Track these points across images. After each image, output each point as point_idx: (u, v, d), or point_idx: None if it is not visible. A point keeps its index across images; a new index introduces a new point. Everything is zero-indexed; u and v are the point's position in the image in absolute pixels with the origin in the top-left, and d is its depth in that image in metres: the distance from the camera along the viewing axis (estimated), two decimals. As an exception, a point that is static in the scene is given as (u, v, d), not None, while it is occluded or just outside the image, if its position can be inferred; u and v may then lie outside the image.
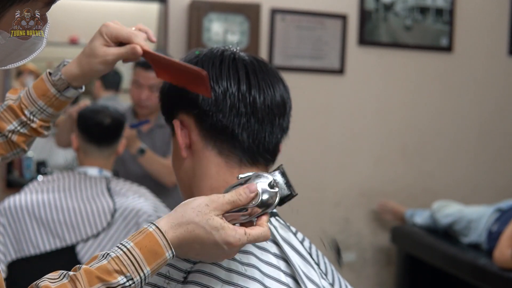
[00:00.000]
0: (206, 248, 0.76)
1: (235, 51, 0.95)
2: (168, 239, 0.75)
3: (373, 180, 3.64)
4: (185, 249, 0.77)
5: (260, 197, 0.80)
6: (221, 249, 0.76)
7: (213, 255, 0.78)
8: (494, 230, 2.87)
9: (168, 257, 0.75)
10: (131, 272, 0.73)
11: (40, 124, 1.05)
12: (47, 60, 3.37)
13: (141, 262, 0.74)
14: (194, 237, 0.76)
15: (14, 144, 1.06)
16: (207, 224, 0.76)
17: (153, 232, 0.75)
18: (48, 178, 1.99)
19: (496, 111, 3.82)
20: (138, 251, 0.74)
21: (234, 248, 0.77)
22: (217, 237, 0.75)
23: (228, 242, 0.76)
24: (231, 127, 0.90)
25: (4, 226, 1.86)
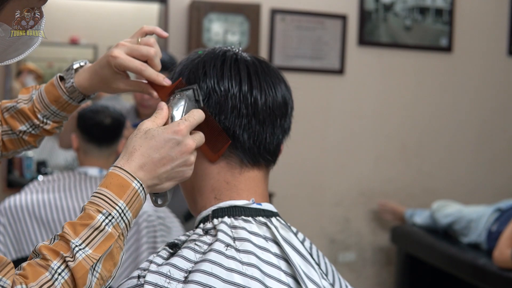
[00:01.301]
0: (163, 152, 0.81)
1: (237, 52, 0.96)
2: (127, 169, 0.80)
3: (373, 180, 3.64)
4: (149, 168, 0.81)
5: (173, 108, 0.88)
6: (175, 142, 0.82)
7: (175, 155, 0.82)
8: (493, 230, 2.87)
9: (136, 187, 0.79)
10: (106, 208, 0.77)
11: (53, 126, 1.08)
12: (47, 60, 3.38)
13: (111, 197, 0.78)
14: (146, 150, 0.81)
15: (25, 142, 1.09)
16: (147, 134, 0.82)
17: (113, 171, 0.80)
18: (49, 178, 1.99)
19: (495, 111, 3.82)
20: (105, 189, 0.78)
21: (183, 133, 0.82)
22: (162, 134, 0.82)
23: (173, 130, 0.82)
24: (232, 128, 0.90)
25: (5, 226, 1.86)
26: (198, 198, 0.95)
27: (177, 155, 0.82)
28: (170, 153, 0.82)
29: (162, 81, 0.95)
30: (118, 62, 0.95)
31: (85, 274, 0.74)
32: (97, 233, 0.76)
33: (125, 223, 0.79)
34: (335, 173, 3.59)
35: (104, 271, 0.77)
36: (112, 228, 0.77)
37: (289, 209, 3.38)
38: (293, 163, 3.41)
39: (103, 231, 0.76)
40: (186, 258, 0.84)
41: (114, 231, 0.77)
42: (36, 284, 0.72)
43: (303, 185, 3.54)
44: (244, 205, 0.91)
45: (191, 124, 0.84)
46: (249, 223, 0.89)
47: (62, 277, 0.73)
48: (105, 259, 0.77)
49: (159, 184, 0.83)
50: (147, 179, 0.81)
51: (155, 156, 0.81)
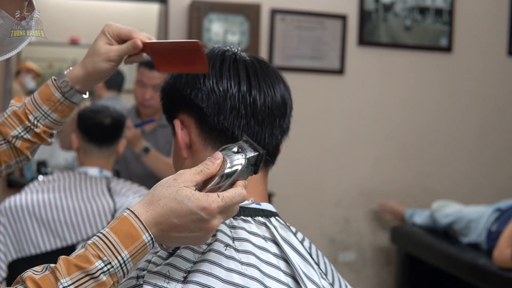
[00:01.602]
0: (183, 221, 0.75)
1: (236, 52, 0.96)
2: (143, 220, 0.74)
3: (373, 180, 3.64)
4: (164, 228, 0.75)
5: (228, 160, 0.79)
6: (199, 218, 0.75)
7: (194, 228, 0.76)
8: (493, 230, 2.87)
9: (145, 240, 0.74)
10: (107, 256, 0.72)
11: (44, 129, 1.06)
12: (47, 60, 3.38)
13: (117, 246, 0.73)
14: (168, 211, 0.75)
15: (17, 151, 1.07)
16: (177, 194, 0.75)
17: (127, 216, 0.75)
18: (49, 178, 1.99)
19: (495, 111, 3.82)
20: (113, 235, 0.73)
21: (212, 213, 0.75)
22: (190, 204, 0.75)
23: (203, 207, 0.75)
24: (231, 129, 0.90)
25: (5, 225, 1.86)
26: (197, 198, 0.94)
27: (195, 229, 0.76)
28: (190, 226, 0.76)
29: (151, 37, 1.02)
30: (111, 28, 1.02)
31: None
32: (89, 279, 0.72)
33: (123, 272, 0.74)
34: (335, 173, 3.59)
35: None
36: (108, 276, 0.73)
37: (289, 209, 3.38)
38: (293, 163, 3.42)
39: (96, 279, 0.72)
40: (185, 258, 0.84)
41: (108, 280, 0.73)
42: None
43: (303, 185, 3.54)
44: (244, 205, 0.91)
45: (226, 206, 0.77)
46: (248, 223, 0.89)
47: None
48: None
49: (166, 243, 0.79)
50: (157, 236, 0.76)
51: (174, 221, 0.75)
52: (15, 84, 3.22)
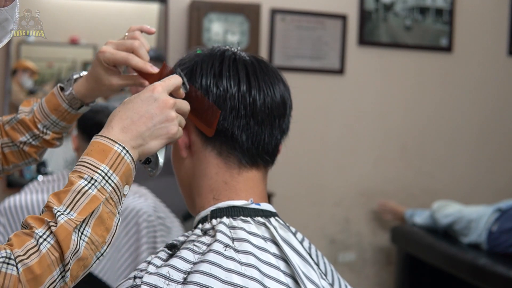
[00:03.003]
0: (140, 110, 0.81)
1: (235, 51, 0.95)
2: (106, 135, 0.79)
3: (373, 180, 3.64)
4: (129, 127, 0.80)
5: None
6: (150, 98, 0.82)
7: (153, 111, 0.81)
8: (494, 230, 2.87)
9: (118, 150, 0.78)
10: (87, 173, 0.76)
11: (53, 136, 1.09)
12: (47, 60, 3.38)
13: (93, 162, 0.77)
14: (124, 113, 0.81)
15: (26, 154, 1.10)
16: (124, 102, 0.83)
17: (95, 139, 0.80)
18: (48, 178, 1.99)
19: (495, 111, 3.82)
20: (87, 156, 0.78)
21: (158, 90, 0.83)
22: (137, 96, 0.82)
23: (147, 90, 0.83)
24: (231, 129, 0.90)
25: (4, 226, 1.86)
26: (196, 198, 0.94)
27: (156, 111, 0.82)
28: (149, 110, 0.82)
29: (149, 68, 0.97)
30: (105, 56, 0.99)
31: (68, 236, 0.72)
32: (80, 196, 0.75)
33: (112, 187, 0.77)
34: (335, 173, 3.59)
35: (95, 235, 0.76)
36: (96, 191, 0.75)
37: (289, 209, 3.38)
38: (293, 163, 3.41)
39: (85, 194, 0.75)
40: (185, 259, 0.84)
41: (99, 194, 0.76)
42: (21, 250, 0.71)
43: (303, 185, 3.54)
44: (243, 205, 0.91)
45: (167, 85, 0.85)
46: (248, 223, 0.89)
47: (47, 242, 0.72)
48: (94, 224, 0.76)
49: (144, 144, 0.82)
50: (129, 140, 0.80)
51: (134, 116, 0.81)
52: (14, 84, 3.22)
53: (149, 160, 0.87)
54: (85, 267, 0.76)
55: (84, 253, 0.74)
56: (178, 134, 0.85)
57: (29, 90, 3.26)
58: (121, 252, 1.82)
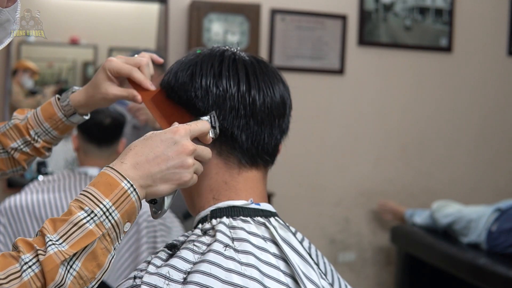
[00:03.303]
0: (157, 151, 0.79)
1: (235, 51, 0.95)
2: (117, 169, 0.77)
3: (373, 180, 3.64)
4: (142, 165, 0.78)
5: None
6: (170, 141, 0.80)
7: (170, 154, 0.79)
8: (493, 230, 2.87)
9: (125, 187, 0.76)
10: (89, 205, 0.74)
11: (43, 145, 1.10)
12: (47, 60, 3.38)
13: (97, 195, 0.75)
14: (140, 149, 0.79)
15: (15, 161, 1.11)
16: (145, 137, 0.82)
17: (105, 170, 0.78)
18: (49, 178, 1.99)
19: (495, 111, 3.82)
20: (93, 187, 0.76)
21: (180, 133, 0.81)
22: (157, 134, 0.81)
23: (169, 130, 0.81)
24: (231, 129, 0.90)
25: (5, 226, 1.86)
26: (196, 198, 0.95)
27: (173, 155, 0.80)
28: (166, 152, 0.79)
29: (148, 84, 0.99)
30: (112, 64, 1.01)
31: (55, 269, 0.70)
32: (76, 229, 0.72)
33: (111, 223, 0.75)
34: (335, 173, 3.59)
35: (85, 271, 0.73)
36: (94, 226, 0.73)
37: (289, 209, 3.38)
38: (293, 163, 3.42)
39: (82, 228, 0.73)
40: (185, 259, 0.84)
41: (96, 230, 0.73)
42: (3, 273, 0.69)
43: (303, 185, 3.54)
44: (243, 205, 0.91)
45: (192, 129, 0.83)
46: (248, 223, 0.89)
47: (32, 270, 0.70)
48: (86, 258, 0.73)
49: (152, 186, 0.79)
50: (139, 178, 0.78)
51: (150, 155, 0.79)
52: (14, 84, 3.21)
53: (155, 201, 0.84)
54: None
55: (70, 286, 0.72)
56: (191, 182, 0.83)
57: (30, 91, 3.26)
58: (121, 252, 1.82)
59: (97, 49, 3.34)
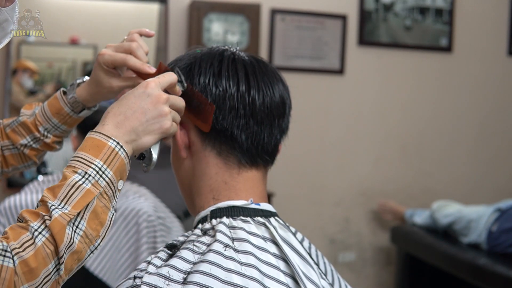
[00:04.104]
0: (133, 106, 0.82)
1: (234, 51, 0.95)
2: (100, 131, 0.80)
3: (373, 180, 3.64)
4: (122, 123, 0.81)
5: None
6: (143, 94, 0.83)
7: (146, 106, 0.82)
8: (494, 230, 2.87)
9: (112, 145, 0.79)
10: (81, 168, 0.77)
11: (53, 139, 1.11)
12: (47, 60, 3.38)
13: (87, 157, 0.78)
14: (117, 110, 0.82)
15: (26, 157, 1.12)
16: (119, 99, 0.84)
17: (89, 135, 0.80)
18: (48, 178, 1.99)
19: (495, 111, 3.82)
20: (81, 152, 0.79)
21: (151, 86, 0.83)
22: (131, 92, 0.83)
23: (142, 86, 0.84)
24: (230, 129, 0.90)
25: (5, 226, 1.86)
26: (196, 198, 0.94)
27: (149, 107, 0.83)
28: (142, 105, 0.82)
29: (146, 68, 0.97)
30: (105, 58, 1.00)
31: (62, 230, 0.73)
32: (74, 190, 0.75)
33: (106, 181, 0.78)
34: (335, 173, 3.59)
35: (89, 229, 0.76)
36: (90, 185, 0.76)
37: (289, 209, 3.38)
38: (293, 163, 3.41)
39: (79, 188, 0.76)
40: (185, 259, 0.84)
41: (93, 188, 0.76)
42: (17, 242, 0.72)
43: (303, 185, 3.54)
44: (243, 205, 0.91)
45: (160, 81, 0.85)
46: (248, 223, 0.89)
47: (42, 235, 0.73)
48: (89, 217, 0.76)
49: (137, 140, 0.83)
50: (122, 135, 0.81)
51: (128, 112, 0.82)
52: (14, 85, 3.21)
53: (143, 156, 0.88)
54: (79, 260, 0.77)
55: (79, 246, 0.75)
56: (171, 129, 0.86)
57: (29, 90, 3.26)
58: (121, 252, 1.82)
59: (97, 49, 3.34)
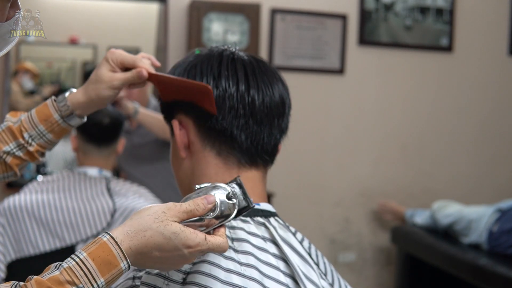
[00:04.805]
0: (165, 255, 0.74)
1: (234, 51, 0.95)
2: (123, 249, 0.72)
3: (373, 180, 3.64)
4: (143, 258, 0.74)
5: (218, 208, 0.78)
6: (181, 254, 0.75)
7: (172, 261, 0.76)
8: (494, 230, 2.87)
9: (123, 268, 0.73)
10: (83, 283, 0.70)
11: (37, 149, 1.06)
12: (47, 60, 3.38)
13: (94, 273, 0.71)
14: (153, 244, 0.73)
15: (7, 166, 1.07)
16: (165, 229, 0.73)
17: (107, 242, 0.72)
18: (48, 178, 1.99)
19: (495, 110, 3.82)
20: (91, 261, 0.71)
21: (193, 253, 0.75)
22: (177, 241, 0.73)
23: (188, 245, 0.74)
24: (230, 129, 0.90)
25: (4, 226, 1.86)
26: (196, 198, 0.94)
27: (173, 263, 0.77)
28: (170, 259, 0.75)
29: (153, 71, 0.98)
30: (115, 55, 1.00)
31: None
32: None
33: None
34: (335, 173, 3.59)
35: None
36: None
37: (289, 209, 3.38)
38: (293, 163, 3.41)
39: None
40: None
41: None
42: None
43: (303, 185, 3.54)
44: (243, 205, 0.91)
45: (207, 250, 0.77)
46: (247, 223, 0.89)
47: None
48: None
49: (139, 267, 0.78)
50: (135, 264, 0.75)
51: (156, 254, 0.74)
52: (13, 84, 3.21)
53: None
54: None
55: None
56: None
57: (29, 91, 3.26)
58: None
59: (96, 48, 3.34)
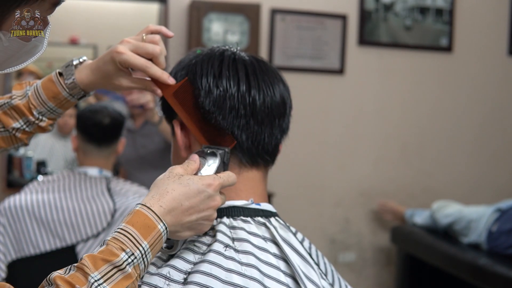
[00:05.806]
0: (194, 202, 0.80)
1: (235, 51, 0.95)
2: (155, 210, 0.77)
3: (373, 180, 3.64)
4: (177, 215, 0.79)
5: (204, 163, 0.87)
6: (206, 195, 0.81)
7: (203, 206, 0.81)
8: (494, 230, 2.87)
9: (161, 230, 0.77)
10: (130, 247, 0.74)
11: (48, 123, 1.05)
12: (47, 60, 3.37)
13: (137, 237, 0.75)
14: (178, 195, 0.80)
15: (17, 139, 1.06)
16: (181, 180, 0.81)
17: (140, 209, 0.77)
18: (48, 178, 1.99)
19: (495, 110, 3.82)
20: (131, 227, 0.76)
21: (216, 188, 0.82)
22: (195, 185, 0.81)
23: (208, 183, 0.82)
24: (231, 129, 0.90)
25: (4, 226, 1.86)
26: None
27: (204, 208, 0.81)
28: (200, 205, 0.81)
29: (167, 79, 0.93)
30: (123, 58, 0.94)
31: None
32: (117, 271, 0.73)
33: (144, 265, 0.76)
34: (335, 173, 3.59)
35: None
36: (132, 268, 0.74)
37: (289, 209, 3.38)
38: (293, 163, 3.41)
39: (123, 270, 0.73)
40: (185, 259, 0.84)
41: (133, 272, 0.74)
42: None
43: (303, 185, 3.54)
44: (243, 205, 0.91)
45: (223, 184, 0.84)
46: (248, 223, 0.89)
47: None
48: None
49: (179, 232, 0.81)
50: (171, 224, 0.79)
51: (186, 204, 0.80)
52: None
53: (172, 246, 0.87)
54: None
55: None
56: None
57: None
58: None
59: (96, 48, 3.34)
